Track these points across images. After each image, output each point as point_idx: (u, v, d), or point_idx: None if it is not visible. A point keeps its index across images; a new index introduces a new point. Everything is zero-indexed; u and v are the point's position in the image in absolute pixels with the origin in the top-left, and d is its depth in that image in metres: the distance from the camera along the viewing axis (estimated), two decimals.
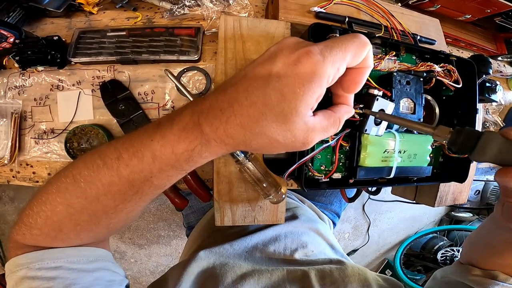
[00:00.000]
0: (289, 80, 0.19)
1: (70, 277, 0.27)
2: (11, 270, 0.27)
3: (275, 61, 0.20)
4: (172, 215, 1.39)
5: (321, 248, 0.52)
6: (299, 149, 0.23)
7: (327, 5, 0.36)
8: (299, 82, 0.19)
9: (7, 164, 0.44)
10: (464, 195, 0.50)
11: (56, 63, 0.45)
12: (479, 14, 0.50)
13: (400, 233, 1.67)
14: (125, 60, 0.45)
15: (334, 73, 0.20)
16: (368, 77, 0.30)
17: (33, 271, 0.26)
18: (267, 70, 0.20)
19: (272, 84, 0.19)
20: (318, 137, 0.23)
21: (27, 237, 0.27)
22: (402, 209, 1.65)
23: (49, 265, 0.27)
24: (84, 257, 0.29)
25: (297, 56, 0.19)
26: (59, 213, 0.26)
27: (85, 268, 0.29)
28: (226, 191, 0.37)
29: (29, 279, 0.26)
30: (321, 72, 0.19)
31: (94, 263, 0.30)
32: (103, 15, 0.48)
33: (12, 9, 0.45)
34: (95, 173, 0.24)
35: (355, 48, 0.20)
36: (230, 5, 0.44)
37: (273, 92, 0.19)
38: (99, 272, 0.30)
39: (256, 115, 0.20)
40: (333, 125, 0.23)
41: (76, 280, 0.27)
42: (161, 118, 0.25)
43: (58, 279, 0.26)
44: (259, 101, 0.19)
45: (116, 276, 0.31)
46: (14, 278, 0.27)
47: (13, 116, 0.44)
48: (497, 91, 0.37)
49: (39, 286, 0.25)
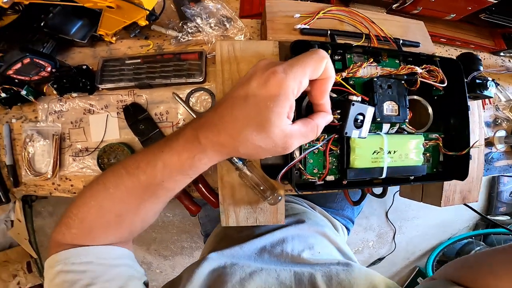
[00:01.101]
0: (261, 97, 0.23)
1: (97, 271, 0.32)
2: (50, 266, 0.32)
3: (251, 82, 0.24)
4: (194, 227, 1.45)
5: (328, 250, 0.53)
6: (282, 153, 0.27)
7: (310, 21, 0.39)
8: (269, 97, 0.23)
9: (49, 178, 0.52)
10: (474, 194, 0.49)
11: (86, 89, 0.52)
12: (462, 12, 0.50)
13: (430, 240, 1.56)
14: (142, 85, 0.52)
15: (298, 86, 0.23)
16: (348, 84, 0.34)
17: (68, 265, 0.32)
18: (245, 90, 0.24)
19: (249, 101, 0.24)
20: (297, 142, 0.26)
21: (66, 236, 0.33)
22: (430, 215, 1.55)
23: (81, 261, 0.32)
24: (110, 255, 0.34)
25: (266, 76, 0.23)
26: (92, 214, 0.32)
27: (110, 263, 0.34)
28: (230, 195, 0.40)
29: (64, 273, 0.31)
30: (285, 87, 0.23)
31: (118, 260, 0.35)
32: (120, 44, 0.55)
33: (46, 40, 0.51)
34: (120, 180, 0.30)
35: (313, 63, 0.23)
36: (227, 29, 0.50)
37: (251, 108, 0.24)
38: (121, 267, 0.35)
39: (240, 127, 0.24)
40: (311, 131, 0.27)
41: (102, 273, 0.32)
42: (169, 134, 0.31)
43: (88, 272, 0.31)
44: (241, 116, 0.24)
45: (136, 273, 0.36)
46: (52, 272, 0.32)
47: (54, 137, 0.52)
48: (488, 86, 0.37)
49: (71, 278, 0.31)
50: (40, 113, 0.54)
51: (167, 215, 1.45)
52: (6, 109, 0.54)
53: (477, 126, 0.46)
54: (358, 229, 1.54)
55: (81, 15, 0.49)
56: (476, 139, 0.45)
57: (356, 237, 1.55)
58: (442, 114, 0.41)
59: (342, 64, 0.37)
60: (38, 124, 0.53)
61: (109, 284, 0.31)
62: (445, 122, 0.41)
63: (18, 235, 1.34)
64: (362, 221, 1.54)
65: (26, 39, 0.50)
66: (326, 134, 0.35)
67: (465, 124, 0.38)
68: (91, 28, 0.51)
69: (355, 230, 1.54)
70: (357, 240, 1.55)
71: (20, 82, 0.50)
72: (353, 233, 1.55)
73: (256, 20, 0.53)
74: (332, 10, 0.40)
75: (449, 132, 0.41)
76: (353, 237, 1.55)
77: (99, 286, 0.30)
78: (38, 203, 1.43)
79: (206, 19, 0.50)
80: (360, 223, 1.54)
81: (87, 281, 0.30)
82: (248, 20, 0.54)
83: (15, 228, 1.33)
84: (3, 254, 1.32)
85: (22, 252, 1.36)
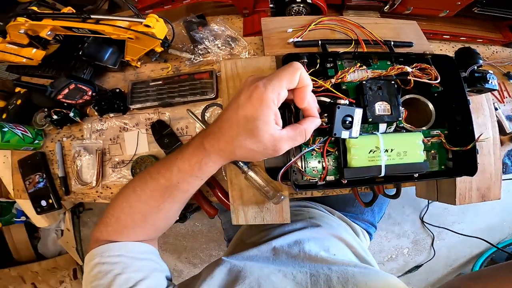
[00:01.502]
0: (248, 108, 0.28)
1: (127, 262, 0.37)
2: (89, 259, 0.37)
3: (240, 97, 0.29)
4: (221, 236, 1.50)
5: (343, 253, 0.53)
6: (273, 155, 0.31)
7: (302, 33, 0.43)
8: (254, 108, 0.28)
9: (94, 187, 0.61)
10: (495, 191, 0.46)
11: (120, 110, 0.60)
12: (454, 8, 0.49)
13: (476, 246, 1.41)
14: (165, 104, 0.59)
15: (277, 97, 0.28)
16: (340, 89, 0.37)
17: (104, 258, 0.37)
18: (236, 104, 0.29)
19: (239, 113, 0.29)
20: (287, 145, 0.30)
21: (103, 233, 0.40)
22: (473, 220, 1.41)
23: (114, 254, 0.37)
24: (138, 249, 0.39)
25: (250, 91, 0.28)
26: (125, 213, 0.39)
27: (138, 257, 0.38)
28: (239, 196, 0.45)
29: (100, 264, 0.36)
30: (265, 98, 0.27)
31: (145, 254, 0.40)
32: (145, 67, 0.63)
33: (85, 67, 0.59)
34: (145, 184, 0.37)
35: (288, 76, 0.27)
36: (233, 48, 0.56)
37: (241, 118, 0.29)
38: (147, 261, 0.39)
39: (234, 134, 0.29)
40: (299, 135, 0.31)
41: (130, 264, 0.37)
42: (184, 144, 0.38)
43: (119, 264, 0.36)
44: (234, 125, 0.29)
45: (159, 267, 0.40)
46: (90, 265, 0.37)
47: (97, 152, 0.60)
48: (488, 79, 0.36)
49: (106, 269, 0.35)
50: (85, 132, 0.64)
51: (196, 224, 1.53)
52: (58, 129, 0.65)
53: (488, 120, 0.44)
54: (390, 236, 1.46)
55: (110, 43, 0.58)
56: (489, 133, 0.44)
57: (389, 244, 1.46)
58: (445, 110, 0.41)
59: (334, 71, 0.40)
60: (84, 142, 0.63)
61: (135, 274, 0.35)
62: (449, 118, 0.41)
63: (67, 244, 1.48)
64: (395, 228, 1.45)
65: (69, 67, 0.59)
66: (321, 137, 0.37)
67: (467, 118, 0.38)
68: (119, 55, 0.59)
69: (388, 237, 1.46)
70: (390, 248, 1.46)
71: (68, 105, 0.59)
72: (385, 240, 1.48)
73: (259, 37, 0.59)
74: (323, 21, 0.44)
75: (454, 127, 0.41)
76: (386, 244, 1.47)
77: (127, 275, 0.35)
78: (84, 214, 1.60)
79: (213, 40, 0.56)
80: (392, 230, 1.45)
81: (118, 271, 0.35)
82: (251, 37, 0.59)
83: (65, 237, 1.47)
84: (52, 261, 1.46)
85: (69, 259, 1.50)
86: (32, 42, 0.55)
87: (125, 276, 0.35)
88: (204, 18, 0.63)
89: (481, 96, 0.43)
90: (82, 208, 1.60)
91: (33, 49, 0.57)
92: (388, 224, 1.45)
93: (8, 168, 0.69)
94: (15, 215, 1.32)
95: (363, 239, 0.73)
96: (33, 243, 1.49)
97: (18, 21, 0.50)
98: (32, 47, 0.56)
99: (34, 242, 1.50)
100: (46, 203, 0.64)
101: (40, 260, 1.44)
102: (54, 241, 1.52)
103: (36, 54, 0.58)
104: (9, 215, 1.31)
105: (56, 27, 0.52)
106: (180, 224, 1.51)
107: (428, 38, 0.54)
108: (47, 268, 1.43)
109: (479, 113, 0.43)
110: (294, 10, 0.57)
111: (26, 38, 0.53)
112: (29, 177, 0.65)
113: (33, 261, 1.43)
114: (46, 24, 0.51)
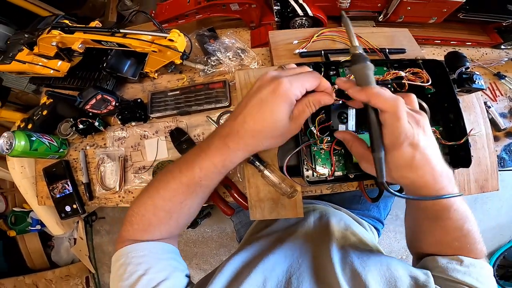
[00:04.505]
0: (272, 101, 0.31)
1: (150, 262, 0.38)
2: (116, 260, 0.39)
3: (261, 91, 0.32)
4: (231, 241, 1.52)
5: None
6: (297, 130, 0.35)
7: (307, 44, 0.48)
8: (278, 100, 0.31)
9: (117, 192, 0.65)
10: (493, 182, 0.49)
11: (141, 119, 0.62)
12: (441, 15, 0.53)
13: (487, 244, 1.40)
14: (182, 112, 0.61)
15: (297, 94, 0.32)
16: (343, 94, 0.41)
17: (129, 258, 0.38)
18: (258, 98, 0.32)
19: (263, 106, 0.31)
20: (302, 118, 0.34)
21: (130, 232, 0.41)
22: (483, 218, 1.41)
23: (139, 254, 0.38)
24: (161, 249, 0.41)
25: (275, 85, 0.31)
26: (149, 211, 0.40)
27: (161, 257, 0.40)
28: (255, 193, 0.49)
29: (126, 265, 0.37)
30: (290, 94, 0.31)
31: (167, 254, 0.41)
32: (162, 78, 0.66)
33: (108, 78, 0.61)
34: (167, 183, 0.38)
35: (309, 82, 0.32)
36: (243, 59, 0.61)
37: (265, 111, 0.31)
38: (169, 260, 0.40)
39: (260, 127, 0.32)
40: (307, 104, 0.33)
41: (154, 264, 0.38)
42: (201, 143, 0.40)
43: (143, 263, 0.37)
44: (259, 119, 0.32)
45: (180, 266, 0.41)
46: (117, 265, 0.38)
47: (120, 159, 0.63)
48: (475, 79, 0.41)
49: (131, 269, 0.36)
50: (108, 140, 0.68)
51: (206, 230, 1.55)
52: (81, 138, 0.69)
53: (480, 117, 0.48)
54: (400, 236, 1.46)
55: (129, 56, 0.61)
56: (481, 128, 0.48)
57: (398, 245, 1.47)
58: (438, 109, 0.45)
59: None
60: (107, 149, 0.68)
61: (157, 275, 0.36)
62: (443, 117, 0.45)
63: (80, 252, 1.50)
64: (403, 229, 1.46)
65: (94, 78, 0.62)
66: (329, 137, 0.42)
67: (458, 115, 0.42)
68: (137, 67, 0.63)
69: (397, 238, 1.47)
70: (400, 248, 1.47)
71: (92, 115, 0.61)
72: (395, 241, 1.48)
73: (266, 48, 0.63)
74: (325, 32, 0.49)
75: (448, 125, 0.45)
76: (395, 245, 1.47)
77: (150, 276, 0.36)
78: (97, 223, 1.62)
79: (225, 52, 0.61)
80: (401, 231, 1.46)
81: (141, 272, 0.36)
82: (259, 49, 0.64)
83: (78, 245, 1.50)
84: (66, 269, 1.48)
85: (82, 267, 1.52)
86: (59, 54, 0.57)
87: (148, 277, 0.36)
88: (215, 31, 0.68)
89: (472, 95, 0.47)
90: (95, 217, 1.62)
91: (59, 61, 0.60)
92: (396, 225, 1.46)
93: (26, 177, 0.70)
94: (30, 224, 1.35)
95: (370, 234, 0.75)
96: (46, 251, 1.52)
97: (52, 33, 0.52)
98: (58, 59, 0.59)
99: (47, 250, 1.54)
100: (70, 208, 0.68)
101: (54, 268, 1.46)
102: (67, 250, 1.55)
103: (63, 66, 0.61)
104: (24, 224, 1.35)
105: (87, 40, 0.54)
106: (190, 230, 1.53)
107: (421, 43, 0.59)
108: (60, 276, 1.46)
109: (470, 111, 0.48)
110: (297, 23, 0.62)
111: (54, 50, 0.55)
112: (54, 184, 0.69)
113: (47, 269, 1.46)
114: (77, 37, 0.53)
